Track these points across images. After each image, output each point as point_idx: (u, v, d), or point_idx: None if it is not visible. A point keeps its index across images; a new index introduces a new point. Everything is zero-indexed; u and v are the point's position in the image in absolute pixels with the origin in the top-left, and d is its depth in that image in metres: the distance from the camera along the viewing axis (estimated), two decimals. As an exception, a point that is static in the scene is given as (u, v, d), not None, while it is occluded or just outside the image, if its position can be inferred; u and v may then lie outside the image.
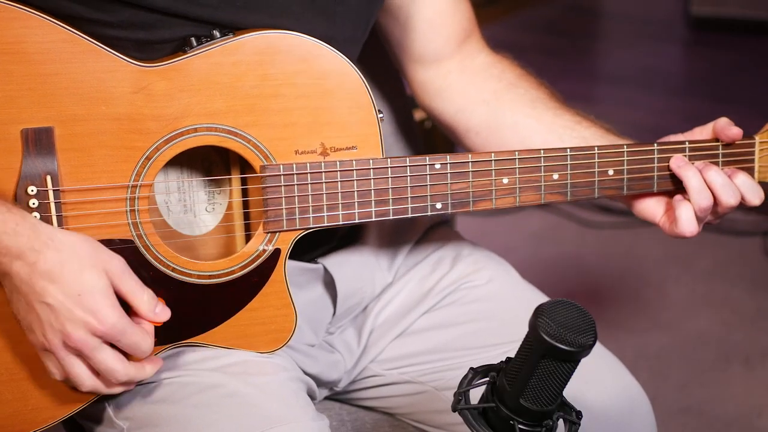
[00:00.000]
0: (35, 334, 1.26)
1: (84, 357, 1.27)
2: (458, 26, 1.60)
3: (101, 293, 1.25)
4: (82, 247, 1.26)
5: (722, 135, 1.50)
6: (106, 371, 1.27)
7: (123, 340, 1.26)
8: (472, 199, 1.44)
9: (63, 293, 1.23)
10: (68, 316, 1.23)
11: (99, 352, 1.26)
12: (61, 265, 1.23)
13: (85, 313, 1.24)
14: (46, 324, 1.24)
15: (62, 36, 1.27)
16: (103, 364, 1.27)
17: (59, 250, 1.24)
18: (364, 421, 1.64)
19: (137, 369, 1.31)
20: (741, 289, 3.17)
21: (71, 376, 1.28)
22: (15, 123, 1.27)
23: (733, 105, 4.36)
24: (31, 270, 1.23)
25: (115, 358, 1.27)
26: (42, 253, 1.23)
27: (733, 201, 1.46)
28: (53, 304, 1.23)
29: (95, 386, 1.29)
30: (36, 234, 1.24)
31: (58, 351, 1.26)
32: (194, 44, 1.32)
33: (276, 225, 1.37)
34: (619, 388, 1.52)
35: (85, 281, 1.24)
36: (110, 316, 1.25)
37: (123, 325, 1.26)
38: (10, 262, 1.23)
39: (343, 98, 1.37)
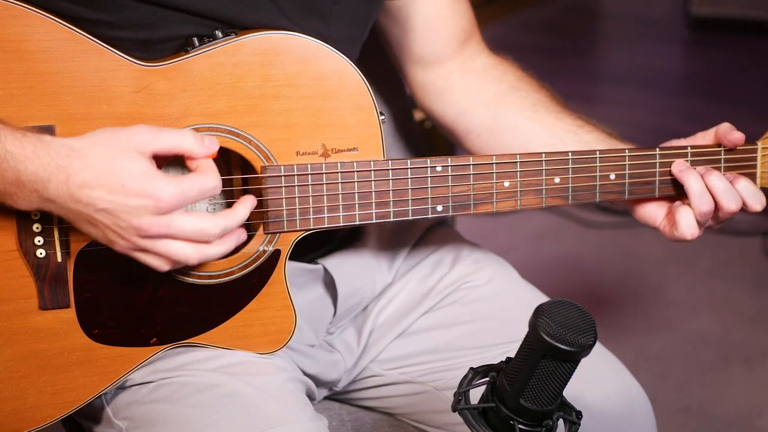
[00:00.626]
0: (115, 242, 1.24)
1: (168, 235, 1.23)
2: (458, 27, 1.60)
3: (141, 173, 1.22)
4: (102, 141, 1.23)
5: (724, 140, 1.50)
6: (196, 234, 1.24)
7: (189, 196, 1.23)
8: (473, 202, 1.44)
9: (108, 192, 1.21)
10: (127, 210, 1.21)
11: (176, 223, 1.23)
12: (91, 168, 1.21)
13: (138, 200, 1.21)
14: (116, 228, 1.22)
15: (64, 34, 1.27)
16: (188, 230, 1.24)
17: (83, 156, 1.21)
18: (364, 421, 1.64)
19: (225, 215, 1.27)
20: (741, 289, 3.17)
21: (174, 258, 1.25)
22: (16, 121, 1.26)
23: (733, 105, 4.36)
24: (68, 186, 1.20)
25: (197, 218, 1.24)
26: (69, 167, 1.21)
27: (734, 206, 1.46)
28: (107, 207, 1.21)
29: (201, 253, 1.26)
30: (56, 150, 1.21)
31: (144, 243, 1.23)
32: (196, 44, 1.32)
33: (276, 226, 1.37)
34: (619, 388, 1.52)
35: (121, 171, 1.21)
36: (162, 189, 1.21)
37: (179, 187, 1.22)
38: (45, 188, 1.21)
39: (344, 99, 1.37)
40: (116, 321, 1.35)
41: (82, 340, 1.34)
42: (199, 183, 1.24)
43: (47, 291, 1.31)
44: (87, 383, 1.36)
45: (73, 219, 1.24)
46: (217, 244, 1.27)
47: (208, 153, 1.27)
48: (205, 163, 1.26)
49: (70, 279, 1.32)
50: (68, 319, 1.33)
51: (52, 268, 1.31)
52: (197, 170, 1.26)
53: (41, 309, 1.32)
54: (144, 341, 1.37)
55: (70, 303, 1.33)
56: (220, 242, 1.27)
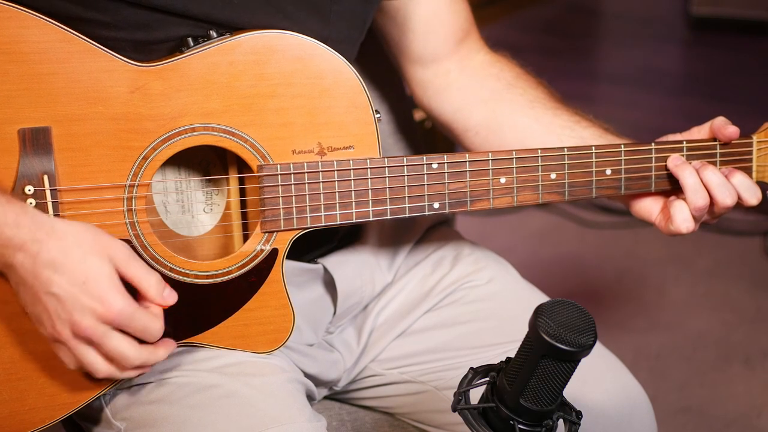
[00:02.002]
0: (44, 326, 1.25)
1: (95, 345, 1.25)
2: (456, 26, 1.60)
3: (106, 279, 1.24)
4: (84, 235, 1.24)
5: (719, 134, 1.50)
6: (118, 357, 1.26)
7: (132, 324, 1.25)
8: (469, 198, 1.44)
9: (68, 282, 1.22)
10: (75, 304, 1.22)
11: (109, 339, 1.25)
12: (64, 253, 1.22)
13: (91, 300, 1.22)
14: (54, 315, 1.23)
15: (59, 36, 1.27)
16: (115, 350, 1.25)
17: (61, 238, 1.23)
18: (364, 421, 1.64)
19: (150, 352, 1.29)
20: (741, 289, 3.17)
21: (85, 364, 1.27)
22: (12, 123, 1.27)
23: (733, 105, 4.37)
24: (34, 261, 1.22)
25: (127, 344, 1.26)
26: (44, 243, 1.22)
27: (730, 201, 1.46)
28: (59, 293, 1.22)
29: (110, 372, 1.28)
30: (37, 224, 1.22)
31: (68, 341, 1.24)
32: (191, 44, 1.32)
33: (273, 225, 1.37)
34: (619, 388, 1.52)
35: (89, 268, 1.23)
36: (117, 302, 1.23)
37: (131, 310, 1.24)
38: (13, 254, 1.22)
39: (340, 98, 1.37)
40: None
41: (80, 341, 1.34)
42: (147, 322, 1.27)
43: (46, 292, 1.31)
44: (86, 384, 1.36)
45: (21, 290, 1.25)
46: (128, 372, 1.29)
47: (162, 303, 1.29)
48: (158, 310, 1.29)
49: None
50: (66, 320, 1.33)
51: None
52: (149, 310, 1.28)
53: (40, 310, 1.32)
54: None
55: (69, 304, 1.33)
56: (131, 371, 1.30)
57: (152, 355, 1.29)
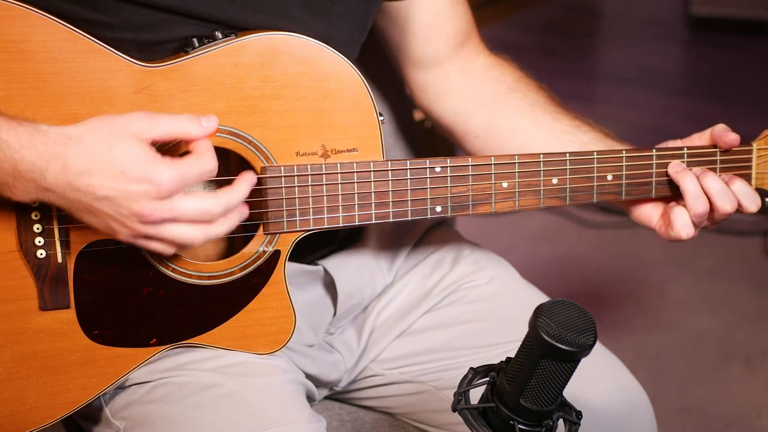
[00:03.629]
0: (118, 231, 1.22)
1: (171, 220, 1.22)
2: (456, 29, 1.60)
3: (141, 158, 1.20)
4: (98, 128, 1.21)
5: (720, 141, 1.50)
6: (199, 215, 1.23)
7: (189, 179, 1.22)
8: (471, 202, 1.44)
9: (108, 179, 1.19)
10: (127, 196, 1.19)
11: (178, 207, 1.21)
12: (89, 155, 1.19)
13: (139, 185, 1.19)
14: (116, 216, 1.20)
15: (64, 35, 1.27)
16: (191, 211, 1.22)
17: (79, 143, 1.20)
18: (364, 421, 1.64)
19: (226, 193, 1.25)
20: (741, 289, 3.17)
21: (178, 241, 1.24)
22: (17, 122, 1.27)
23: (733, 105, 4.37)
24: (66, 174, 1.19)
25: (199, 199, 1.23)
26: (66, 155, 1.19)
27: (729, 207, 1.47)
28: (107, 194, 1.19)
29: (206, 233, 1.24)
30: (52, 138, 1.20)
31: (147, 230, 1.22)
32: (196, 45, 1.32)
33: (276, 226, 1.37)
34: (619, 388, 1.52)
35: (119, 157, 1.19)
36: (161, 174, 1.19)
37: (179, 171, 1.21)
38: (42, 177, 1.19)
39: (344, 100, 1.37)
40: (116, 322, 1.35)
41: (82, 341, 1.34)
42: (198, 165, 1.23)
43: (47, 292, 1.31)
44: (87, 384, 1.36)
45: (73, 209, 1.22)
46: (220, 223, 1.26)
47: (206, 133, 1.25)
48: (202, 144, 1.24)
49: (71, 280, 1.32)
50: (68, 320, 1.33)
51: (52, 269, 1.31)
52: (194, 152, 1.24)
53: (41, 310, 1.32)
54: (144, 342, 1.37)
55: (70, 304, 1.33)
56: (223, 220, 1.26)
57: (232, 194, 1.26)
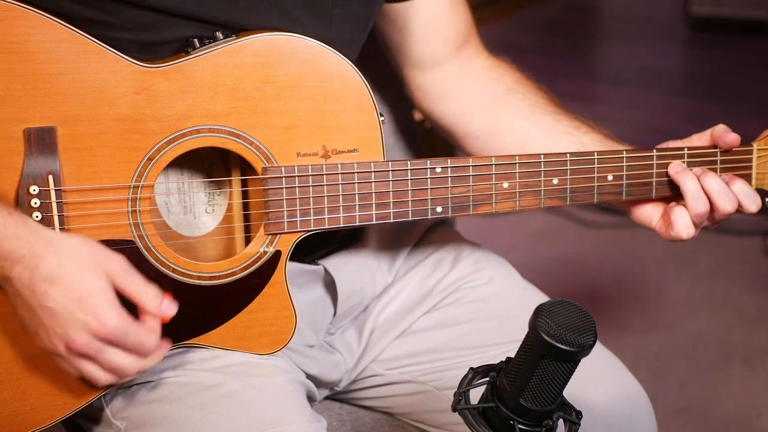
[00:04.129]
0: (41, 339, 1.25)
1: (90, 359, 1.25)
2: (456, 30, 1.60)
3: (102, 295, 1.23)
4: (81, 249, 1.24)
5: (720, 141, 1.50)
6: (115, 370, 1.26)
7: (126, 340, 1.25)
8: (472, 203, 1.44)
9: (64, 296, 1.22)
10: (70, 319, 1.22)
11: (104, 353, 1.25)
12: (61, 268, 1.22)
13: (86, 316, 1.22)
14: (49, 329, 1.23)
15: (65, 36, 1.27)
16: (111, 363, 1.26)
17: (59, 253, 1.23)
18: (364, 421, 1.64)
19: (146, 360, 1.29)
20: (741, 289, 3.17)
21: (85, 375, 1.27)
22: (17, 122, 1.27)
23: (733, 105, 4.37)
24: (32, 274, 1.21)
25: (122, 357, 1.26)
26: (43, 257, 1.22)
27: (730, 207, 1.47)
28: (54, 307, 1.22)
29: (111, 380, 1.28)
30: (36, 238, 1.23)
31: (65, 355, 1.25)
32: (197, 45, 1.32)
33: (277, 227, 1.38)
34: (619, 388, 1.52)
35: (85, 283, 1.23)
36: (111, 318, 1.23)
37: (125, 326, 1.24)
38: (11, 267, 1.22)
39: (345, 101, 1.37)
40: (117, 322, 1.35)
41: (82, 341, 1.35)
42: (141, 337, 1.26)
43: (47, 292, 1.32)
44: (87, 384, 1.36)
45: (18, 302, 1.24)
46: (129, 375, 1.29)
47: (160, 315, 1.28)
48: (154, 322, 1.28)
49: None
50: (69, 320, 1.34)
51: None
52: (144, 324, 1.27)
53: (42, 310, 1.32)
54: None
55: (71, 304, 1.33)
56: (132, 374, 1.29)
57: (148, 363, 1.29)
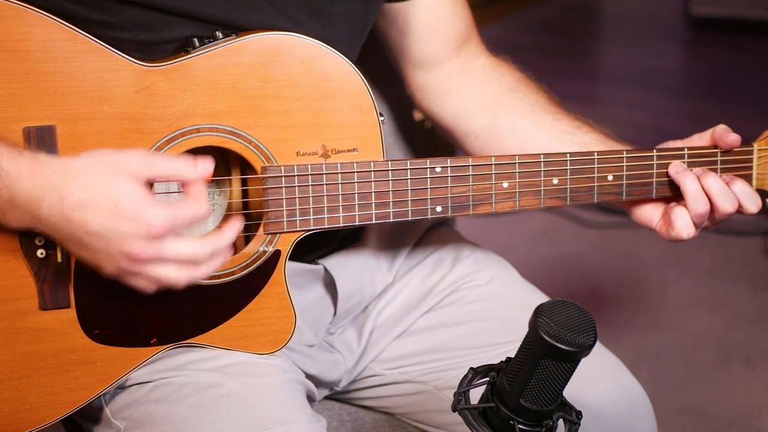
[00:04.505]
0: (104, 266, 1.22)
1: (158, 261, 1.21)
2: (456, 30, 1.60)
3: (135, 197, 1.20)
4: (97, 163, 1.21)
5: (720, 142, 1.50)
6: (187, 258, 1.22)
7: (181, 223, 1.21)
8: (472, 203, 1.44)
9: (100, 215, 1.19)
10: (117, 234, 1.19)
11: (167, 250, 1.21)
12: (86, 188, 1.19)
13: (130, 224, 1.19)
14: (105, 251, 1.20)
15: (65, 35, 1.27)
16: (180, 255, 1.22)
17: (77, 175, 1.20)
18: (364, 421, 1.64)
19: (215, 238, 1.25)
20: (741, 289, 3.17)
21: (162, 281, 1.23)
22: (17, 121, 1.27)
23: (733, 105, 4.36)
24: (62, 207, 1.19)
25: (188, 243, 1.22)
26: (64, 187, 1.19)
27: (730, 208, 1.47)
28: (98, 230, 1.19)
29: (190, 276, 1.24)
30: (51, 170, 1.20)
31: (133, 268, 1.21)
32: (196, 45, 1.32)
33: (276, 226, 1.38)
34: (619, 388, 1.52)
35: (114, 193, 1.19)
36: (154, 215, 1.19)
37: (170, 213, 1.20)
38: (39, 207, 1.19)
39: (344, 100, 1.37)
40: (117, 321, 1.35)
41: (82, 341, 1.35)
42: (191, 209, 1.22)
43: (48, 291, 1.31)
44: (87, 383, 1.36)
45: (65, 240, 1.23)
46: (204, 266, 1.25)
47: (201, 177, 1.24)
48: (197, 188, 1.24)
49: (71, 279, 1.32)
50: (68, 320, 1.33)
51: (52, 269, 1.31)
52: (188, 195, 1.24)
53: (41, 309, 1.32)
54: (144, 341, 1.37)
55: (71, 303, 1.33)
56: (208, 263, 1.26)
57: (220, 239, 1.25)
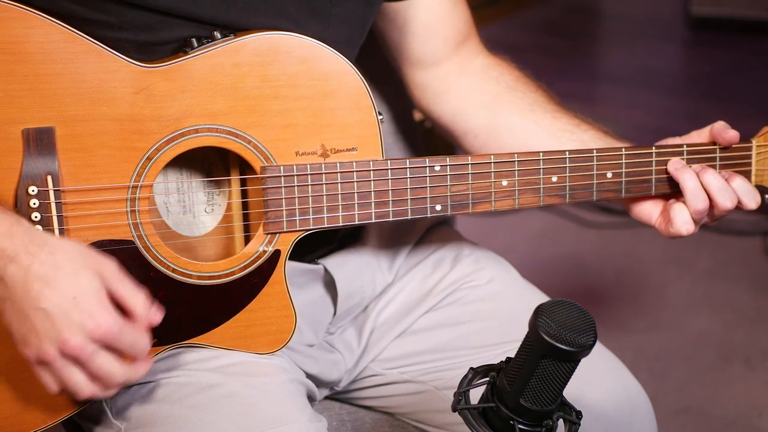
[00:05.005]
0: (30, 345, 1.22)
1: (82, 363, 1.23)
2: (455, 29, 1.60)
3: (96, 295, 1.22)
4: (74, 251, 1.23)
5: (719, 138, 1.50)
6: (105, 375, 1.24)
7: (122, 340, 1.23)
8: (471, 201, 1.44)
9: (59, 296, 1.20)
10: (65, 320, 1.20)
11: (97, 356, 1.23)
12: (56, 267, 1.21)
13: (81, 316, 1.20)
14: (42, 332, 1.20)
15: (63, 36, 1.27)
16: (102, 368, 1.23)
17: (53, 253, 1.22)
18: (364, 421, 1.64)
19: (133, 369, 1.27)
20: (741, 289, 3.17)
21: (69, 386, 1.24)
22: (16, 123, 1.27)
23: (733, 105, 4.37)
24: (26, 273, 1.20)
25: (113, 361, 1.24)
26: (36, 257, 1.20)
27: (729, 204, 1.47)
28: (49, 308, 1.20)
29: (93, 392, 1.25)
30: (30, 237, 1.22)
31: (55, 361, 1.22)
32: (195, 45, 1.32)
33: (276, 226, 1.38)
34: (619, 388, 1.52)
35: (80, 284, 1.21)
36: (107, 318, 1.21)
37: (120, 325, 1.23)
38: (5, 266, 1.20)
39: (343, 99, 1.37)
40: (116, 322, 1.35)
41: (82, 341, 1.34)
42: (136, 337, 1.24)
43: (47, 292, 1.31)
44: (87, 384, 1.36)
45: (8, 308, 1.22)
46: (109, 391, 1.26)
47: (147, 322, 1.26)
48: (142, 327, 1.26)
49: None
50: (69, 320, 1.33)
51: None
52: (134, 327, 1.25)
53: (42, 310, 1.32)
54: None
55: (71, 304, 1.33)
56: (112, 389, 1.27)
57: (135, 373, 1.27)
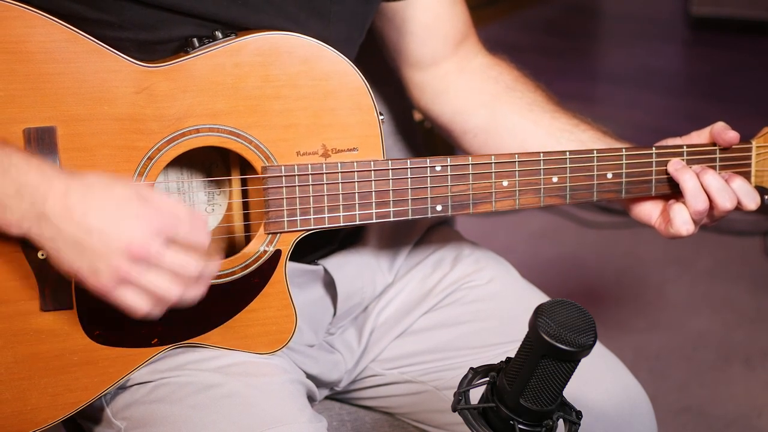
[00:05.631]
0: (101, 271, 1.20)
1: (155, 263, 1.20)
2: (454, 29, 1.60)
3: (137, 197, 1.21)
4: (100, 174, 1.24)
5: (719, 139, 1.50)
6: (179, 267, 1.22)
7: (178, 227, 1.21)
8: (472, 201, 1.44)
9: (102, 210, 1.19)
10: (118, 228, 1.19)
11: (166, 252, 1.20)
12: (89, 188, 1.20)
13: (131, 219, 1.19)
14: (103, 250, 1.19)
15: (65, 35, 1.27)
16: (176, 262, 1.21)
17: (82, 177, 1.22)
18: (364, 421, 1.64)
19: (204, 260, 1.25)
20: (741, 289, 3.17)
21: (158, 293, 1.22)
22: (17, 122, 1.27)
23: (733, 105, 4.37)
24: (65, 201, 1.19)
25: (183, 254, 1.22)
26: (69, 183, 1.20)
27: (729, 205, 1.47)
28: (98, 224, 1.19)
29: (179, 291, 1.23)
30: (58, 170, 1.22)
31: (130, 271, 1.20)
32: (196, 45, 1.32)
33: (277, 226, 1.38)
34: (619, 388, 1.52)
35: (116, 193, 1.21)
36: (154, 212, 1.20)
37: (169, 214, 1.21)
38: (43, 200, 1.19)
39: (344, 99, 1.37)
40: (117, 322, 1.35)
41: (83, 341, 1.35)
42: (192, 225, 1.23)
43: (48, 292, 1.31)
44: (88, 384, 1.36)
45: (62, 243, 1.21)
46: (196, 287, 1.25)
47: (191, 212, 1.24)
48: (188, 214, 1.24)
49: (72, 280, 1.32)
50: (69, 320, 1.33)
51: (53, 270, 1.30)
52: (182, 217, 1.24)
53: (42, 310, 1.32)
54: (145, 342, 1.38)
55: (72, 304, 1.33)
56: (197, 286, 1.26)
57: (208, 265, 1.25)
